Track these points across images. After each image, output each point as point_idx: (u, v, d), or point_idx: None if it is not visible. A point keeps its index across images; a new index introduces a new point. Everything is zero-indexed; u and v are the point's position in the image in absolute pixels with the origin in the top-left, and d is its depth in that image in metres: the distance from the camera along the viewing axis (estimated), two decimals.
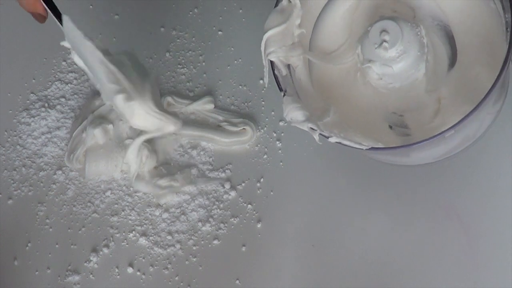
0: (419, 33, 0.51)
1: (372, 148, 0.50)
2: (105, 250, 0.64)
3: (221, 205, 0.64)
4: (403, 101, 0.54)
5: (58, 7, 0.74)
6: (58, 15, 0.56)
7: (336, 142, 0.50)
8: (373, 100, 0.54)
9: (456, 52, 0.54)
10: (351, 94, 0.55)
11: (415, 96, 0.53)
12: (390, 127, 0.54)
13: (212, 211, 0.64)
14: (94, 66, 0.53)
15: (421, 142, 0.48)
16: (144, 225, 0.65)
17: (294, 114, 0.51)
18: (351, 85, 0.55)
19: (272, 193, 0.64)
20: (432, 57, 0.52)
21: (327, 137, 0.50)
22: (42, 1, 0.56)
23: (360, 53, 0.52)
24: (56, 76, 0.72)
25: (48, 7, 0.56)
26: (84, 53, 0.53)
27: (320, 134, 0.50)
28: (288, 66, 0.54)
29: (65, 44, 0.55)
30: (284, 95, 0.52)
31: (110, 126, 0.65)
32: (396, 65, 0.51)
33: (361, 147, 0.49)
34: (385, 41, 0.50)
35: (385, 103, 0.54)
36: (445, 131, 0.47)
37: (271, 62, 0.53)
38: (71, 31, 0.52)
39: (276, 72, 0.53)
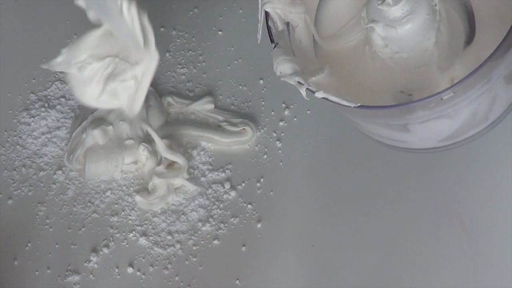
0: None
1: (361, 106, 0.46)
2: (105, 250, 0.64)
3: (221, 205, 0.64)
4: (412, 78, 0.51)
5: (58, 8, 0.74)
6: None
7: (323, 97, 0.47)
8: (381, 76, 0.52)
9: (475, 29, 0.51)
10: (358, 71, 0.53)
11: (425, 72, 0.50)
12: None
13: (212, 211, 0.64)
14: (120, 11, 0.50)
15: (415, 102, 0.45)
16: (144, 225, 0.65)
17: (282, 67, 0.48)
18: (359, 61, 0.53)
19: (272, 193, 0.64)
20: (446, 29, 0.49)
21: (314, 92, 0.47)
22: None
23: (364, 15, 0.49)
24: (56, 76, 0.72)
25: None
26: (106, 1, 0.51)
27: (307, 88, 0.48)
28: (288, 24, 0.52)
29: (80, 2, 0.53)
30: (274, 47, 0.50)
31: (110, 128, 0.65)
32: (402, 27, 0.47)
33: (349, 105, 0.46)
34: None
35: (393, 80, 0.52)
36: (443, 91, 0.45)
37: (266, 14, 0.50)
38: None
39: (270, 23, 0.50)
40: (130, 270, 0.63)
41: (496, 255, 0.57)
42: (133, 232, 0.64)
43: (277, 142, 0.65)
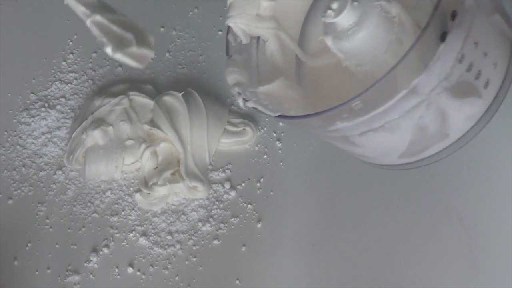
0: (381, 6, 0.46)
1: (280, 116, 0.47)
2: (105, 250, 0.64)
3: (221, 205, 0.64)
4: None
5: (58, 8, 0.74)
6: None
7: (252, 107, 0.48)
8: (358, 91, 0.50)
9: None
10: (341, 86, 0.52)
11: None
12: None
13: (212, 211, 0.64)
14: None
15: (326, 112, 0.44)
16: (144, 225, 0.65)
17: (228, 77, 0.50)
18: (341, 76, 0.52)
19: (272, 193, 0.64)
20: (410, 41, 0.46)
21: (247, 101, 0.48)
22: None
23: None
24: (56, 76, 0.72)
25: None
26: None
27: (243, 98, 0.48)
28: (258, 38, 0.52)
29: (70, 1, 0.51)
30: (228, 59, 0.51)
31: (110, 128, 0.65)
32: (349, 39, 0.46)
33: (270, 114, 0.47)
34: (330, 8, 0.46)
35: None
36: (351, 99, 0.44)
37: (229, 28, 0.51)
38: None
39: (229, 37, 0.51)
40: (130, 270, 0.63)
41: (496, 255, 0.57)
42: (133, 232, 0.64)
43: (277, 142, 0.65)
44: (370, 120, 0.46)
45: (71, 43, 0.73)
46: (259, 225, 0.63)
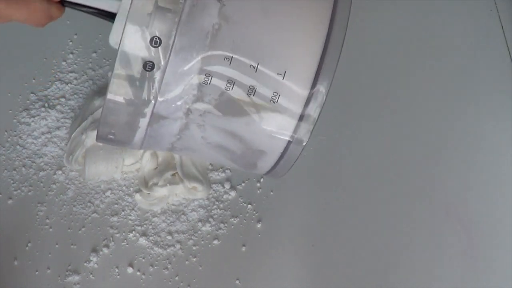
0: None
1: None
2: (105, 250, 0.64)
3: (221, 205, 0.64)
4: None
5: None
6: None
7: None
8: None
9: None
10: None
11: None
12: None
13: (212, 211, 0.64)
14: None
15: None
16: (144, 225, 0.65)
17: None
18: None
19: (272, 193, 0.64)
20: None
21: None
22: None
23: None
24: (56, 76, 0.72)
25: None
26: None
27: None
28: None
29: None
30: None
31: None
32: None
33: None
34: None
35: None
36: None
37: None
38: None
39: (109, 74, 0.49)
40: (130, 270, 0.63)
41: (496, 255, 0.57)
42: (133, 232, 0.64)
43: None
44: (148, 142, 0.45)
45: (71, 43, 0.73)
46: (259, 225, 0.63)
